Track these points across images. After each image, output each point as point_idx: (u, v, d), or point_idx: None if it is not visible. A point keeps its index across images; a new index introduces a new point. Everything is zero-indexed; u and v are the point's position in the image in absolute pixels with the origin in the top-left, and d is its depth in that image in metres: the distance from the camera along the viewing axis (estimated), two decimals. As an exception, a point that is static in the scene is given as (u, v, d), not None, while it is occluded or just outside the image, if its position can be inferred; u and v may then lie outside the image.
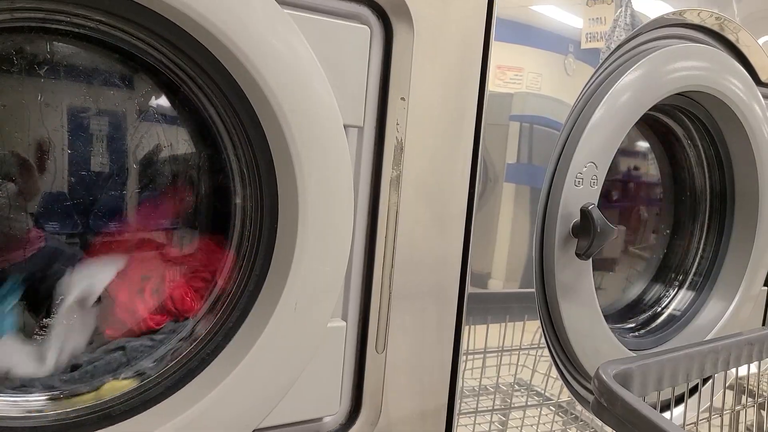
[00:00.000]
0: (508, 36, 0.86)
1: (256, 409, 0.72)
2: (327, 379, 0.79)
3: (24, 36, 0.63)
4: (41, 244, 0.68)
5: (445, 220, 0.83)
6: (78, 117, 0.67)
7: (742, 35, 1.15)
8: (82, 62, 0.66)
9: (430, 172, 0.81)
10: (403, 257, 0.80)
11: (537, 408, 1.01)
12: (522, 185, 0.92)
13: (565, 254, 0.95)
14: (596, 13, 0.95)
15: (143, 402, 0.69)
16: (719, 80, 1.09)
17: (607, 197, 1.27)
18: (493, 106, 0.86)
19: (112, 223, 0.71)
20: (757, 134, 1.17)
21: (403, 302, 0.81)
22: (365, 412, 0.83)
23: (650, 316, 1.26)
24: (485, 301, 0.91)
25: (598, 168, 0.96)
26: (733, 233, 1.24)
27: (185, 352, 0.72)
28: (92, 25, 0.63)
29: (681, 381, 0.79)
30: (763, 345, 0.89)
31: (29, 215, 0.67)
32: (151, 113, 0.71)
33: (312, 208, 0.70)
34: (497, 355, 0.94)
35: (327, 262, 0.72)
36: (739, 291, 1.22)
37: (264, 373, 0.71)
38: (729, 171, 1.23)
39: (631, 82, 0.97)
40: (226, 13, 0.61)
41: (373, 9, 0.76)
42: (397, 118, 0.77)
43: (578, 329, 0.99)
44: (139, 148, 0.71)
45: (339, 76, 0.71)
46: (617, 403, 0.64)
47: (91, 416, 0.66)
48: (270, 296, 0.71)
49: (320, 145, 0.69)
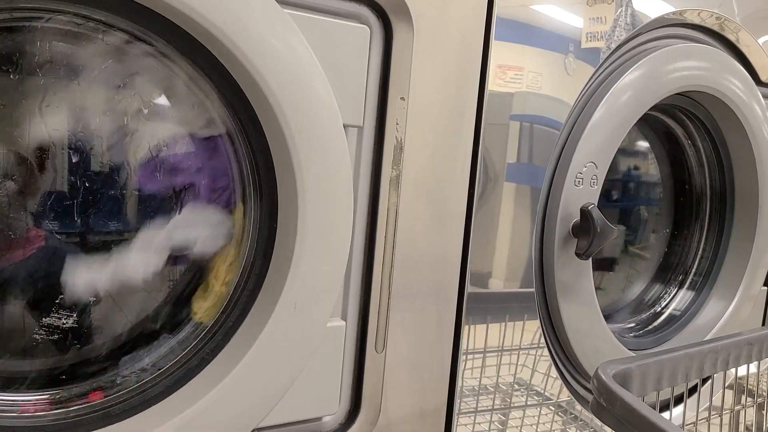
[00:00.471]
0: (508, 35, 0.86)
1: (255, 408, 0.72)
2: (326, 378, 0.79)
3: (24, 36, 0.63)
4: (41, 243, 0.68)
5: (444, 219, 0.83)
6: (77, 116, 0.67)
7: (742, 35, 1.15)
8: (81, 62, 0.66)
9: (430, 171, 0.81)
10: (403, 256, 0.80)
11: (536, 408, 1.01)
12: (522, 185, 0.92)
13: (565, 254, 0.95)
14: (596, 12, 0.95)
15: (143, 401, 0.69)
16: (719, 80, 1.09)
17: (607, 197, 1.27)
18: (494, 106, 0.86)
19: (112, 222, 0.71)
20: (757, 134, 1.16)
21: (402, 302, 0.81)
22: (365, 411, 0.83)
23: (650, 315, 1.26)
24: (485, 301, 0.91)
25: (598, 168, 0.96)
26: (733, 233, 1.24)
27: (185, 351, 0.72)
28: (92, 24, 0.63)
29: (680, 381, 0.79)
30: (763, 345, 0.89)
31: (29, 214, 0.67)
32: (150, 113, 0.71)
33: (312, 207, 0.70)
34: (497, 355, 0.94)
35: (326, 261, 0.72)
36: (738, 291, 1.22)
37: (263, 372, 0.71)
38: (729, 171, 1.23)
39: (631, 82, 0.97)
40: (225, 12, 0.61)
41: (373, 9, 0.76)
42: (397, 118, 0.77)
43: (578, 329, 0.99)
44: (139, 147, 0.71)
45: (339, 75, 0.71)
46: (616, 403, 0.64)
47: (91, 416, 0.66)
48: (269, 295, 0.71)
49: (320, 144, 0.69)
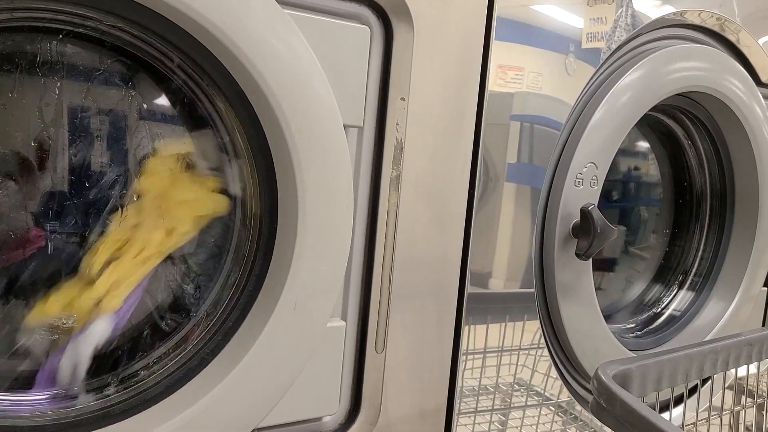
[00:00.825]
0: (508, 35, 0.86)
1: (255, 408, 0.72)
2: (326, 378, 0.79)
3: (24, 36, 0.63)
4: (41, 243, 0.68)
5: (444, 219, 0.83)
6: (78, 116, 0.67)
7: (742, 36, 1.15)
8: (81, 62, 0.66)
9: (430, 171, 0.81)
10: (403, 257, 0.80)
11: (536, 408, 1.01)
12: (523, 185, 0.92)
13: (565, 254, 0.95)
14: (597, 13, 0.95)
15: (143, 401, 0.69)
16: (720, 81, 1.09)
17: (607, 197, 1.27)
18: (494, 106, 0.86)
19: (113, 222, 0.71)
20: (758, 135, 1.16)
21: (402, 302, 0.81)
22: (364, 411, 0.83)
23: (650, 316, 1.26)
24: (485, 301, 0.91)
25: (599, 168, 0.96)
26: (733, 234, 1.24)
27: (185, 351, 0.72)
28: (92, 24, 0.63)
29: (680, 381, 0.79)
30: (763, 345, 0.89)
31: (29, 214, 0.67)
32: (150, 113, 0.71)
33: (312, 207, 0.70)
34: (497, 355, 0.94)
35: (326, 261, 0.72)
36: (739, 291, 1.22)
37: (263, 372, 0.71)
38: (729, 171, 1.23)
39: (631, 83, 0.97)
40: (225, 12, 0.61)
41: (373, 9, 0.76)
42: (397, 118, 0.77)
43: (578, 329, 0.99)
44: (139, 147, 0.71)
45: (339, 76, 0.71)
46: (616, 404, 0.64)
47: (90, 416, 0.66)
48: (269, 296, 0.71)
49: (320, 145, 0.69)
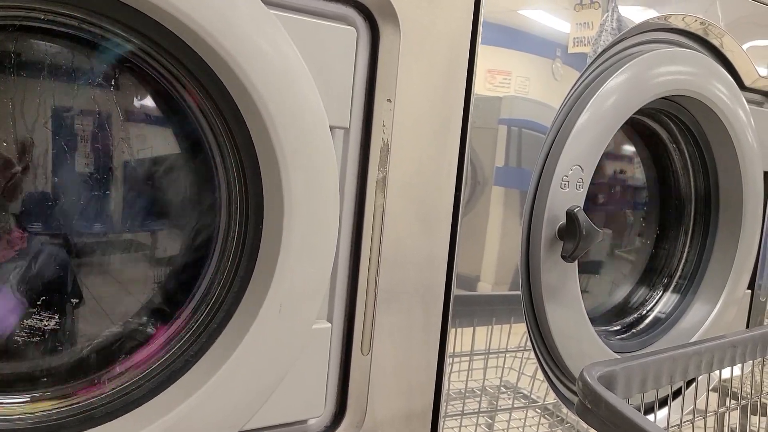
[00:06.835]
0: (495, 39, 0.86)
1: (240, 411, 0.72)
2: (312, 381, 0.78)
3: (6, 34, 0.62)
4: (23, 245, 0.68)
5: (431, 221, 0.83)
6: (61, 117, 0.67)
7: (726, 40, 1.16)
8: (65, 61, 0.65)
9: (417, 173, 0.81)
10: (389, 259, 0.80)
11: (523, 410, 1.01)
12: (511, 188, 0.92)
13: (551, 257, 0.95)
14: (584, 17, 0.96)
15: (126, 404, 0.68)
16: (704, 85, 1.10)
17: (594, 200, 1.27)
18: (483, 110, 0.86)
19: (96, 224, 0.71)
20: (741, 139, 1.18)
21: (388, 304, 0.81)
22: (350, 414, 0.83)
23: (635, 318, 1.26)
24: (471, 304, 0.91)
25: (584, 171, 0.96)
26: (718, 237, 1.25)
27: (169, 353, 0.71)
28: (75, 23, 0.63)
29: (665, 383, 0.79)
30: (747, 347, 0.90)
31: (11, 215, 0.67)
32: (135, 113, 0.71)
33: (297, 209, 0.69)
34: (483, 358, 0.94)
35: (312, 263, 0.72)
36: (723, 294, 1.23)
37: (248, 375, 0.71)
38: (713, 175, 1.24)
39: (616, 86, 0.98)
40: (211, 12, 0.61)
41: (359, 10, 0.76)
42: (384, 120, 0.77)
43: (564, 332, 0.99)
44: (123, 148, 0.70)
45: (325, 77, 0.71)
46: (601, 405, 0.64)
47: (72, 418, 0.66)
48: (254, 298, 0.71)
49: (306, 145, 0.69)
